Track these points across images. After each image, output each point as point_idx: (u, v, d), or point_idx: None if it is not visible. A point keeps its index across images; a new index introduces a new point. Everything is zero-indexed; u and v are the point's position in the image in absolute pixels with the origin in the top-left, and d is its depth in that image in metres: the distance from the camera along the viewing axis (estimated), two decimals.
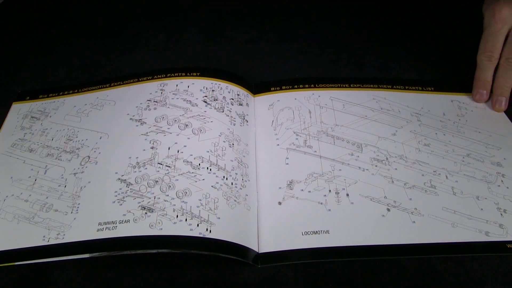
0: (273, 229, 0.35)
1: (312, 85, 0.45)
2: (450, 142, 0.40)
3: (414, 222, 0.34)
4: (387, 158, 0.38)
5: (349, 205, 0.36)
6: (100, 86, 0.46)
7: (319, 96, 0.44)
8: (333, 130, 0.41)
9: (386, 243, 0.33)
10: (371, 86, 0.45)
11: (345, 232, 0.34)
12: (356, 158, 0.39)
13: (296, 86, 0.45)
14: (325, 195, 0.36)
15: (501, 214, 0.35)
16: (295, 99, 0.44)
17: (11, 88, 0.48)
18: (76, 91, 0.46)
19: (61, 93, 0.46)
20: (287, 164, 0.39)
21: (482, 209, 0.35)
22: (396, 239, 0.33)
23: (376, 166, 0.38)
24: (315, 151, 0.40)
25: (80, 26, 0.56)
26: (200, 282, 0.32)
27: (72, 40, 0.54)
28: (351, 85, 0.45)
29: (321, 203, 0.36)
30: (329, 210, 0.35)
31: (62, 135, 0.42)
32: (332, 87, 0.45)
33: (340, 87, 0.45)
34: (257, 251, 0.34)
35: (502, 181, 0.37)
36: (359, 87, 0.45)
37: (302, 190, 0.37)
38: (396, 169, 0.38)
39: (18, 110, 0.45)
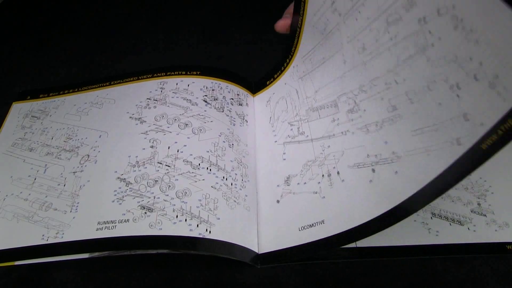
0: (272, 229, 0.35)
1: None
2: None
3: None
4: (355, 102, 0.37)
5: (340, 184, 0.35)
6: (100, 85, 0.46)
7: (296, 65, 0.43)
8: (315, 100, 0.40)
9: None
10: None
11: (339, 217, 0.33)
12: (337, 122, 0.38)
13: (283, 68, 0.45)
14: (319, 182, 0.36)
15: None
16: (285, 83, 0.44)
17: (12, 88, 0.48)
18: (76, 90, 0.46)
19: (61, 92, 0.46)
20: (284, 159, 0.39)
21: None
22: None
23: (352, 120, 0.36)
24: (307, 136, 0.39)
25: (80, 26, 0.56)
26: (200, 282, 0.32)
27: (72, 40, 0.54)
28: None
29: (316, 192, 0.36)
30: (324, 197, 0.35)
31: (62, 134, 0.42)
32: None
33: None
34: (256, 251, 0.33)
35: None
36: None
37: (298, 183, 0.37)
38: (365, 110, 0.36)
39: (18, 109, 0.45)
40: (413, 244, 0.33)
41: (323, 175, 0.36)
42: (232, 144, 0.39)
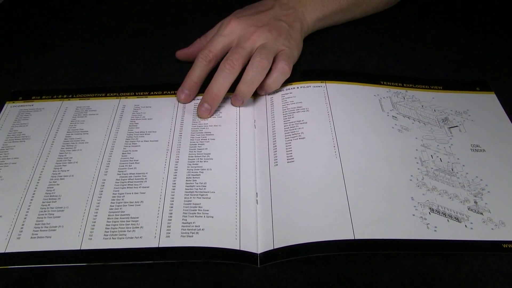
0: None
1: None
2: None
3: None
4: None
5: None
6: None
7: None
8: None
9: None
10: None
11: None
12: None
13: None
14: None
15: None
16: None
17: (10, 88, 0.48)
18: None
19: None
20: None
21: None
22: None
23: None
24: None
25: (80, 26, 0.56)
26: (200, 282, 0.32)
27: (72, 40, 0.54)
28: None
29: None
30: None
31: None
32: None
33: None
34: (256, 252, 0.33)
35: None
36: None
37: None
38: None
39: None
40: (412, 238, 0.33)
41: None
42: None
